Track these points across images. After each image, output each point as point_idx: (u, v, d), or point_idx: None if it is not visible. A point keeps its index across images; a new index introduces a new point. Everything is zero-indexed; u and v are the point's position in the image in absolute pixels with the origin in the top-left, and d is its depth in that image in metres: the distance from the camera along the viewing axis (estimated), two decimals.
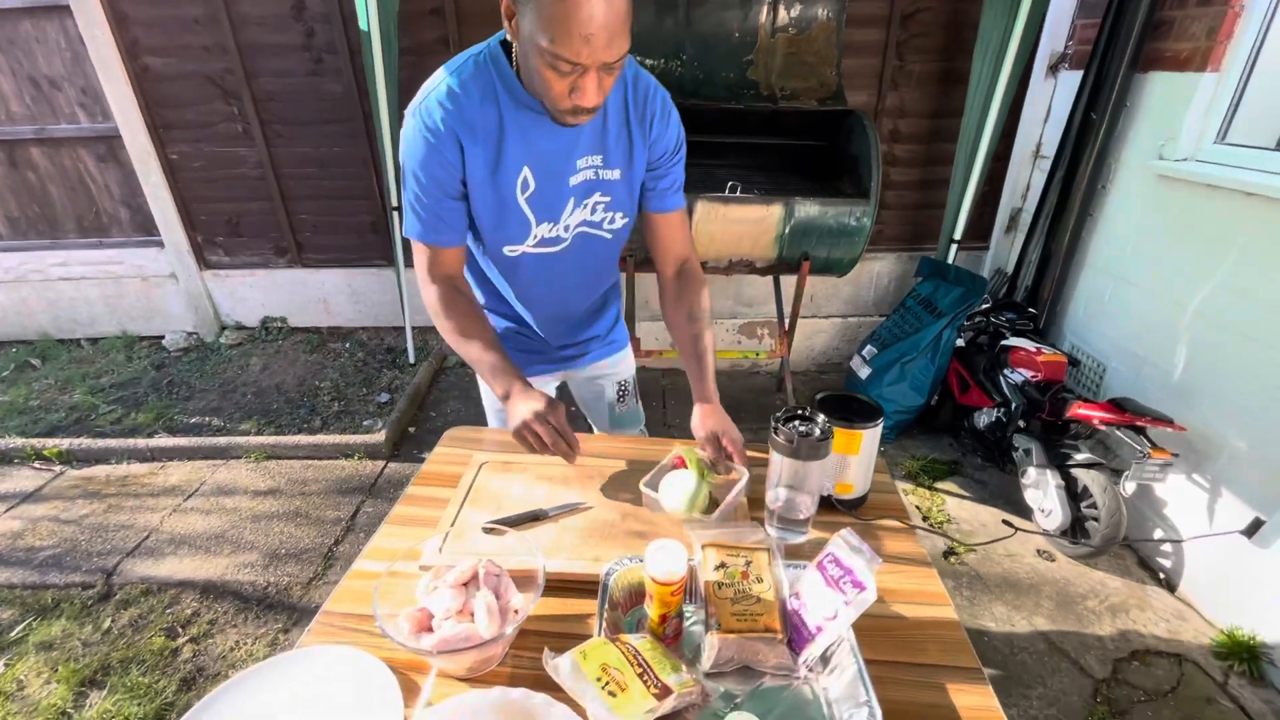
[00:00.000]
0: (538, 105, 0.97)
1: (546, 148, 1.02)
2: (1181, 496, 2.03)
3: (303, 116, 2.94)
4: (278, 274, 3.32)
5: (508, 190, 1.03)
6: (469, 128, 0.97)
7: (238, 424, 2.78)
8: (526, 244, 1.11)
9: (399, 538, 1.04)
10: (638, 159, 1.11)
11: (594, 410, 1.52)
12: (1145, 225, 2.19)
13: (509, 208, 1.05)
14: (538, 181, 1.04)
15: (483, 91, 0.96)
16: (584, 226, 1.14)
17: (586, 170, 1.08)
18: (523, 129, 1.00)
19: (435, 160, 0.98)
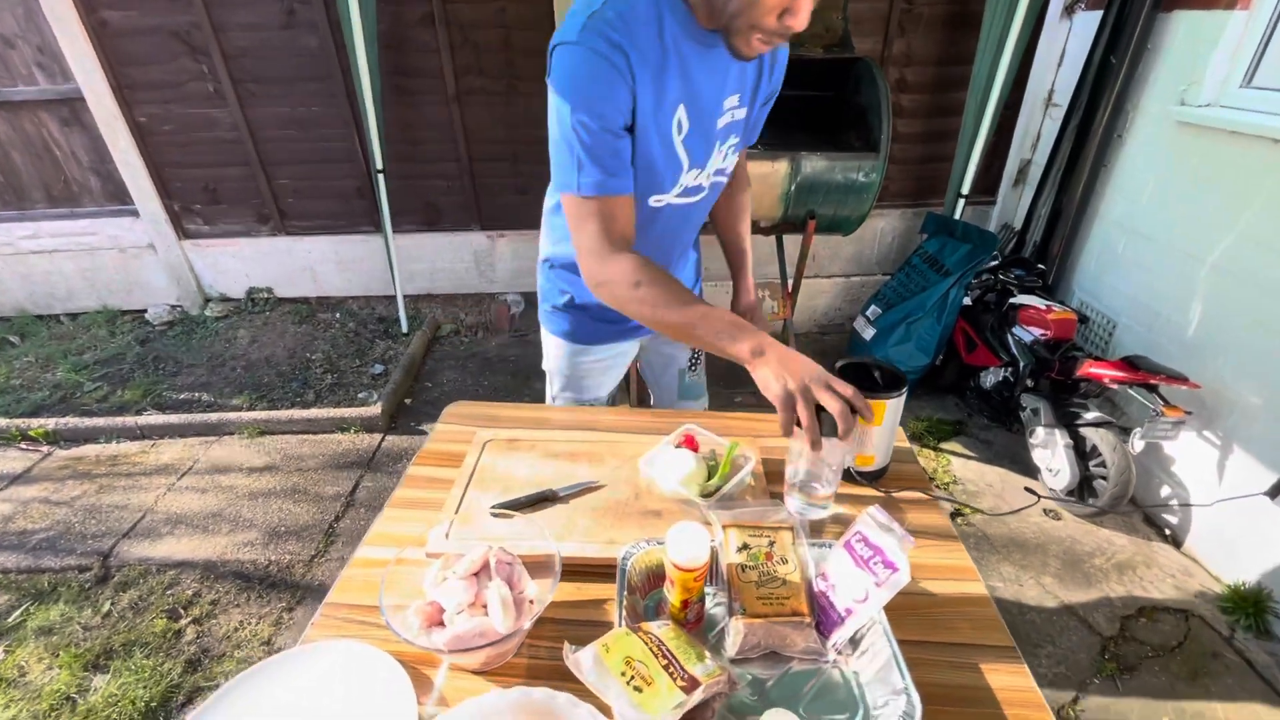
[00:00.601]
0: (705, 36, 0.88)
1: (702, 85, 0.93)
2: (1191, 454, 2.01)
3: (277, 74, 2.77)
4: (261, 243, 3.20)
5: (666, 129, 0.93)
6: (641, 53, 0.84)
7: (228, 399, 2.71)
8: (672, 193, 1.03)
9: (402, 522, 1.00)
10: (760, 96, 1.06)
11: (662, 379, 1.46)
12: (1163, 176, 2.11)
13: (668, 151, 0.95)
14: (690, 122, 0.94)
15: (646, 17, 0.85)
16: (718, 176, 1.08)
17: (729, 112, 1.01)
18: (684, 62, 0.89)
19: (607, 90, 0.84)
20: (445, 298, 3.36)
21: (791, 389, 0.81)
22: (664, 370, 1.44)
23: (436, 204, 3.11)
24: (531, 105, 2.83)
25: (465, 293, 3.36)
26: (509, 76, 2.79)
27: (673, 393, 1.47)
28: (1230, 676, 1.64)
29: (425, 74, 2.77)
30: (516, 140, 2.91)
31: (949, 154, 2.73)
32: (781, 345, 0.86)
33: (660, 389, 1.49)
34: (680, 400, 1.49)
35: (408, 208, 3.07)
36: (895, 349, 2.65)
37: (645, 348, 1.42)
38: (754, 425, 1.21)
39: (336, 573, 1.89)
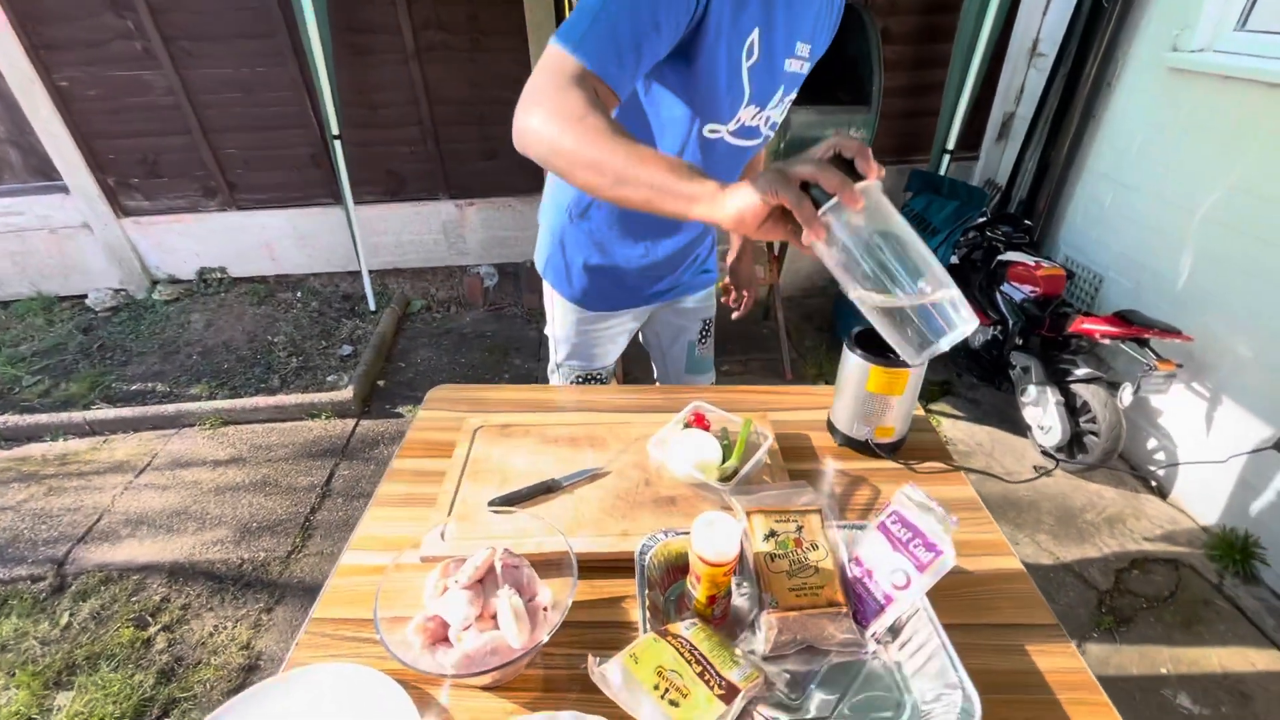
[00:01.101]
0: None
1: (782, 16, 0.85)
2: (1178, 407, 2.02)
3: (214, 31, 2.53)
4: (210, 219, 2.97)
5: (736, 51, 0.83)
6: None
7: (186, 388, 2.54)
8: (728, 126, 0.93)
9: (390, 522, 0.90)
10: (818, 53, 0.98)
11: (671, 350, 1.38)
12: (1154, 124, 2.07)
13: (733, 72, 0.85)
14: (762, 51, 0.85)
15: None
16: (771, 126, 1.00)
17: (798, 60, 0.93)
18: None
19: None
20: (414, 272, 3.20)
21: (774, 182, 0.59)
22: (673, 341, 1.37)
23: (399, 172, 2.92)
24: (499, 62, 2.64)
25: (435, 266, 3.20)
26: (473, 31, 2.59)
27: (680, 365, 1.40)
28: (1222, 623, 1.67)
29: (381, 30, 2.56)
30: (484, 100, 2.73)
31: (934, 108, 2.65)
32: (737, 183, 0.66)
33: (667, 362, 1.41)
34: (687, 374, 1.41)
35: (369, 177, 2.88)
36: None
37: (655, 317, 1.34)
38: (762, 399, 1.14)
39: (317, 568, 1.80)
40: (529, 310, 3.04)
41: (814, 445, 1.03)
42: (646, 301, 1.25)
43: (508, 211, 3.03)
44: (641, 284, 1.19)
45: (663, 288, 1.23)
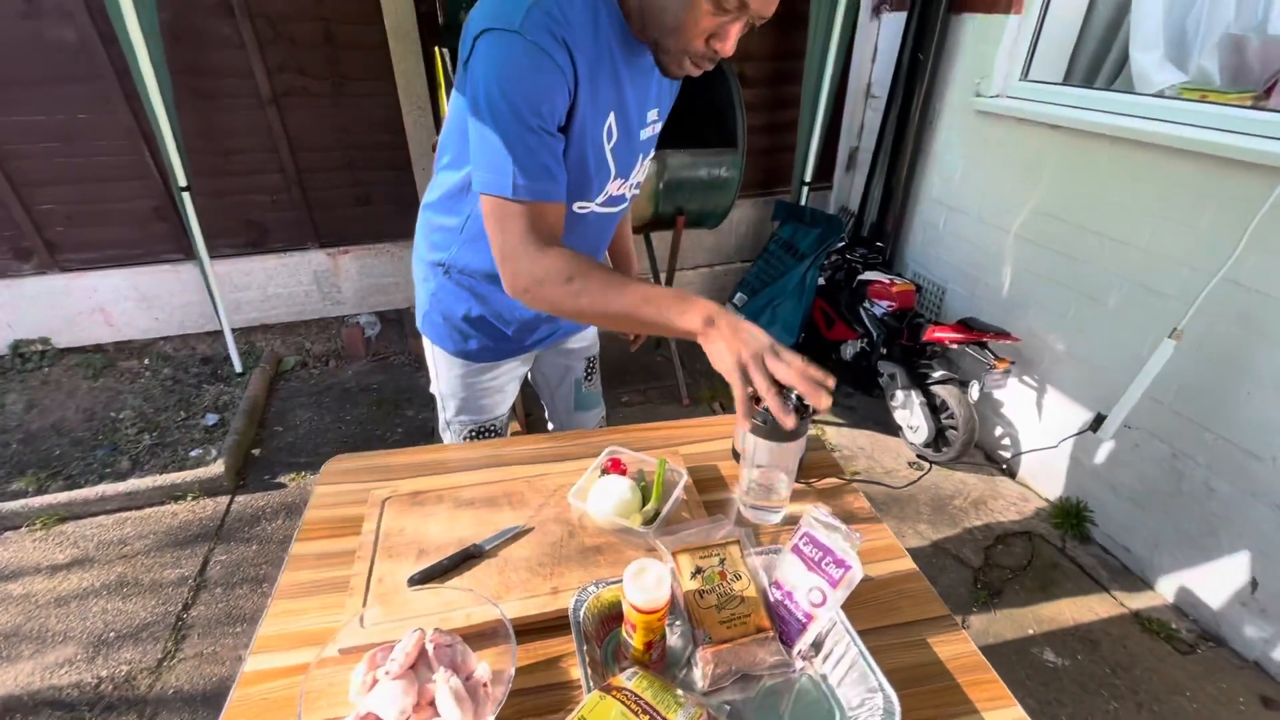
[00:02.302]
0: (636, 46, 0.85)
1: (631, 95, 0.91)
2: (1016, 398, 2.34)
3: (20, 75, 2.22)
4: (24, 284, 2.58)
5: (598, 136, 0.90)
6: (584, 55, 0.80)
7: (5, 484, 2.16)
8: (596, 200, 0.98)
9: (297, 616, 0.84)
10: (665, 111, 1.04)
11: (558, 391, 1.39)
12: (970, 157, 2.42)
13: (599, 155, 0.92)
14: (619, 130, 0.92)
15: (592, 20, 0.80)
16: (635, 190, 1.06)
17: (650, 125, 0.99)
18: (616, 68, 0.85)
19: (550, 82, 0.78)
20: (284, 327, 2.96)
21: (745, 359, 0.76)
22: (560, 381, 1.39)
23: (261, 222, 2.71)
24: (366, 107, 2.55)
25: (308, 319, 2.98)
26: (335, 76, 2.49)
27: (569, 403, 1.42)
28: (1069, 581, 1.95)
29: (231, 73, 2.38)
30: (353, 146, 2.62)
31: (790, 144, 2.91)
32: (732, 314, 0.81)
33: (555, 401, 1.43)
34: (576, 411, 1.43)
35: (225, 228, 2.65)
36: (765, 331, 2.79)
37: (540, 359, 1.36)
38: (668, 434, 1.19)
39: (198, 673, 1.60)
40: (417, 357, 2.92)
41: (723, 474, 1.09)
42: (531, 348, 1.26)
43: (385, 257, 2.90)
44: (522, 333, 1.20)
45: (543, 334, 1.25)
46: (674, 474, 1.00)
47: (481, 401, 1.25)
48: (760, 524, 0.97)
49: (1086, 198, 1.98)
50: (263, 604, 1.79)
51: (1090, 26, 2.16)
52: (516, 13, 0.76)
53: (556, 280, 0.83)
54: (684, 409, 2.69)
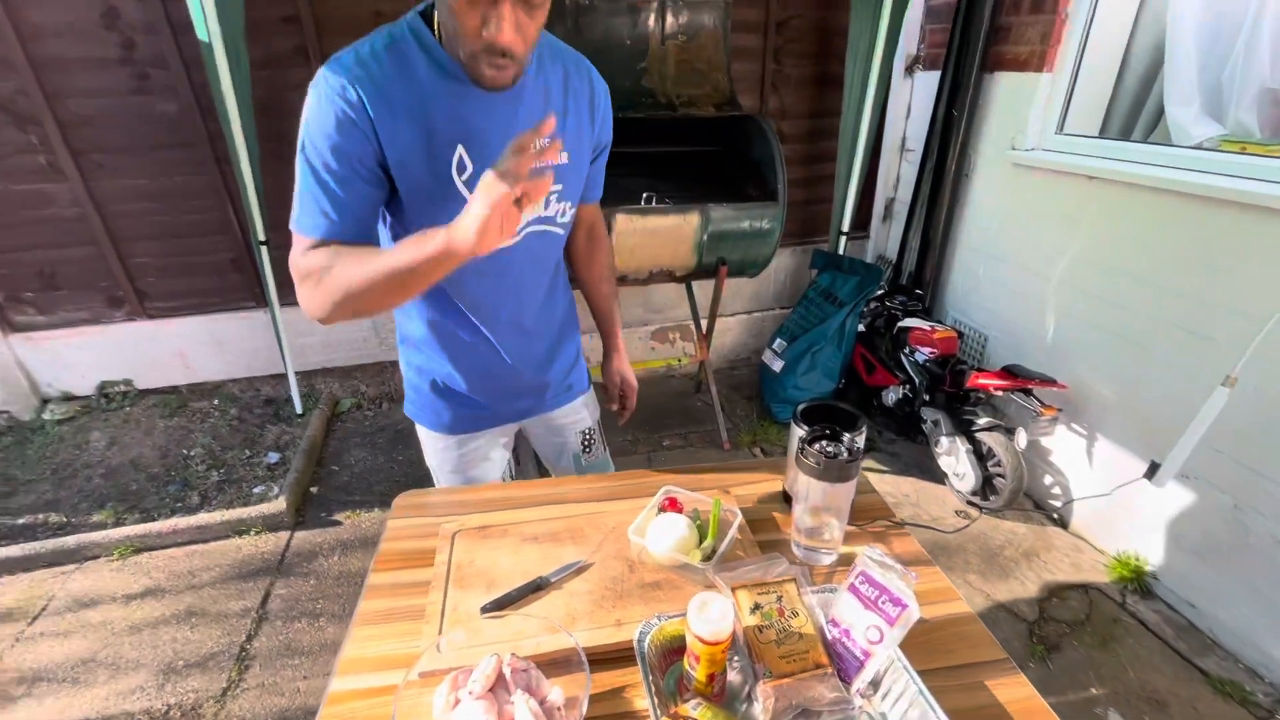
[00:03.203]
0: (465, 75, 0.87)
1: (482, 124, 0.92)
2: (1066, 446, 2.30)
3: (129, 143, 2.49)
4: (114, 330, 2.80)
5: (442, 171, 0.91)
6: (384, 98, 0.85)
7: (86, 516, 2.30)
8: None
9: (377, 641, 0.89)
10: (585, 144, 1.06)
11: (558, 465, 1.40)
12: (1007, 208, 2.46)
13: (447, 191, 0.93)
14: (475, 163, 0.93)
15: (398, 62, 0.86)
16: (539, 225, 1.05)
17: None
18: (452, 103, 0.89)
19: (342, 133, 0.84)
20: (342, 370, 3.12)
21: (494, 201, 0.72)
22: (558, 456, 1.38)
23: None
24: None
25: (364, 363, 3.14)
26: None
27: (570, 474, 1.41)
28: (1131, 638, 1.87)
29: None
30: None
31: (827, 196, 3.00)
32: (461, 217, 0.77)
33: (559, 473, 1.42)
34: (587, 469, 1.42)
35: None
36: (804, 378, 2.82)
37: (530, 433, 1.36)
38: (720, 476, 1.23)
39: (260, 703, 1.66)
40: None
41: (775, 516, 1.12)
42: (511, 419, 1.28)
43: None
44: (494, 399, 1.21)
45: (523, 405, 1.27)
46: (729, 513, 1.04)
47: (469, 473, 1.27)
48: (813, 565, 1.00)
49: (1130, 247, 1.99)
50: (319, 638, 1.85)
51: (1124, 82, 2.22)
52: (322, 70, 0.86)
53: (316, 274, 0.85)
54: (724, 453, 2.72)
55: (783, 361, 2.90)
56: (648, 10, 2.31)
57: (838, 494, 0.94)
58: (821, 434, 0.99)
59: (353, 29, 2.48)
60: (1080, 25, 2.13)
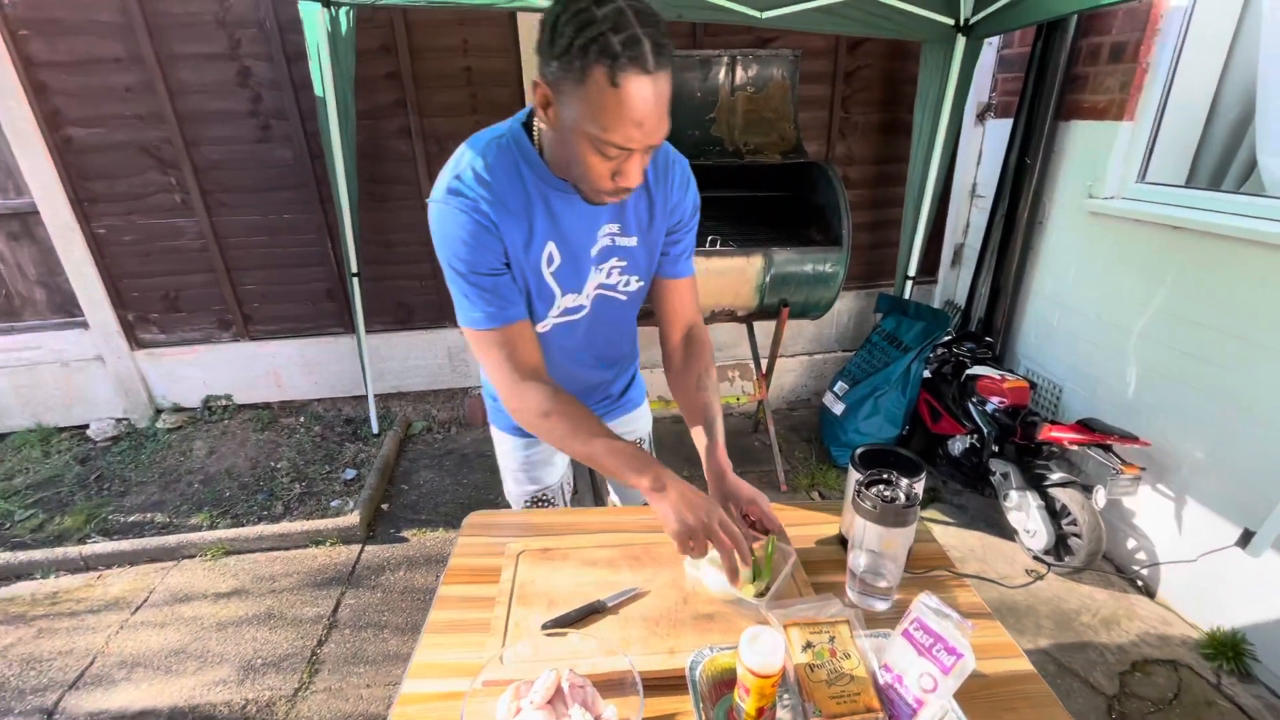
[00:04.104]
0: (562, 185, 0.97)
1: (570, 223, 1.03)
2: (1150, 507, 2.16)
3: (250, 184, 2.80)
4: (221, 349, 3.09)
5: (535, 265, 1.03)
6: (505, 208, 0.96)
7: (186, 518, 2.53)
8: (551, 316, 1.11)
9: (445, 649, 0.96)
10: (657, 224, 1.12)
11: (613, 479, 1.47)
12: (1083, 258, 2.39)
13: (538, 283, 1.05)
14: (562, 256, 1.04)
15: (508, 170, 0.96)
16: (601, 290, 1.15)
17: (605, 239, 1.09)
18: (548, 206, 1.00)
19: (481, 240, 0.95)
20: (416, 395, 3.31)
21: (690, 525, 0.90)
22: None
23: (409, 303, 3.13)
24: None
25: (438, 389, 3.32)
26: None
27: (624, 492, 1.49)
28: None
29: (401, 181, 2.86)
30: None
31: (893, 240, 3.00)
32: (681, 482, 0.94)
33: (625, 491, 1.49)
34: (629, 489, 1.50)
35: (380, 308, 3.08)
36: (865, 422, 2.78)
37: None
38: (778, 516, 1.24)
39: (325, 707, 1.76)
40: None
41: (830, 559, 1.13)
42: None
43: None
44: None
45: None
46: (782, 552, 1.06)
47: (534, 473, 1.36)
48: (867, 609, 1.00)
49: (1220, 300, 1.89)
50: (383, 649, 1.95)
51: (1212, 130, 2.15)
52: (443, 187, 0.94)
53: (533, 413, 1.01)
54: (782, 494, 2.69)
55: (844, 405, 2.87)
56: (719, 64, 2.43)
57: (894, 539, 0.95)
58: (879, 478, 1.01)
59: (447, 84, 2.73)
60: (1163, 74, 2.09)
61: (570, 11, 0.77)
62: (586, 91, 0.79)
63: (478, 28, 2.68)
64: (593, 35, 0.75)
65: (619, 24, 0.75)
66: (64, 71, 2.57)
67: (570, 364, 1.22)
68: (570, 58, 0.77)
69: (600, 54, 0.75)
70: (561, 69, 0.79)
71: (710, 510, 0.91)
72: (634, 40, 0.75)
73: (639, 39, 0.76)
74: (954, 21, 2.39)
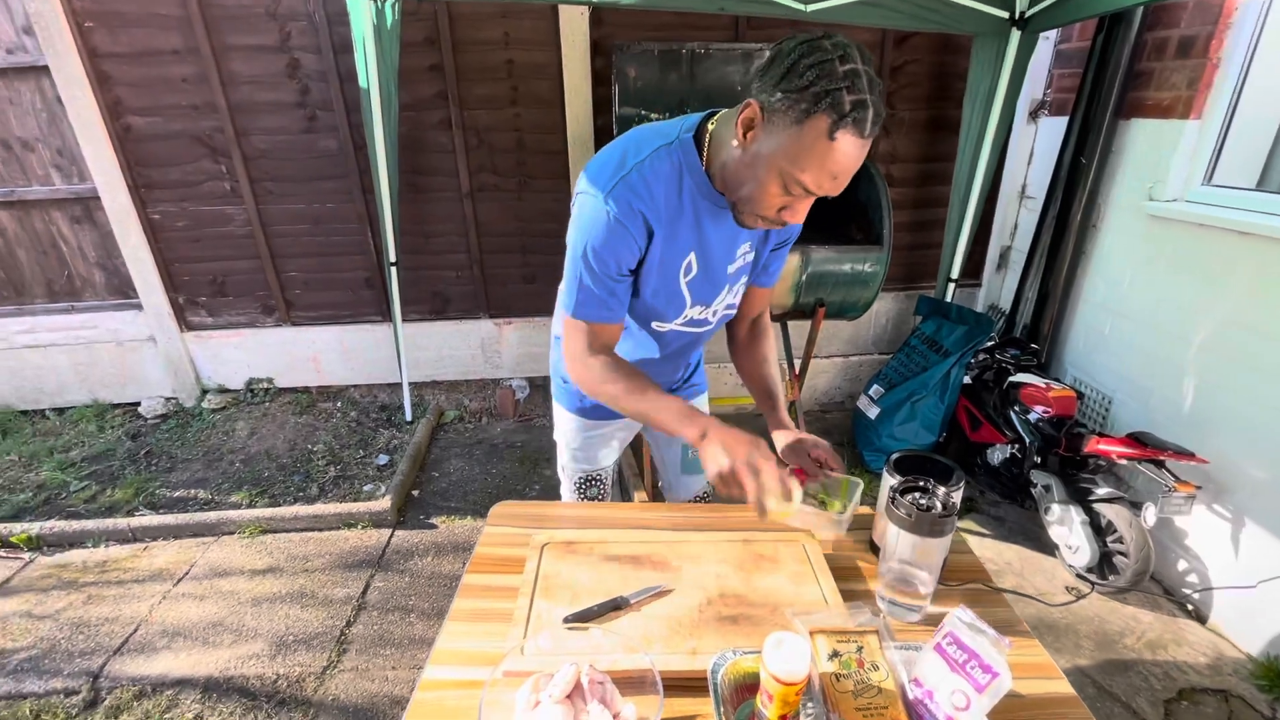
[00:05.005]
0: (719, 199, 0.99)
1: (713, 236, 1.05)
2: (1204, 529, 2.05)
3: (295, 174, 2.87)
4: (264, 334, 3.19)
5: (672, 272, 1.06)
6: (660, 218, 0.98)
7: (227, 495, 2.61)
8: (675, 323, 1.15)
9: (467, 637, 0.96)
10: (771, 240, 1.17)
11: (667, 453, 1.52)
12: (1140, 262, 2.27)
13: (670, 289, 1.08)
14: (699, 267, 1.07)
15: (669, 177, 0.98)
16: (728, 310, 1.19)
17: (740, 259, 1.12)
18: (697, 216, 1.02)
19: (621, 244, 0.97)
20: (449, 384, 3.36)
21: (724, 468, 0.92)
22: (669, 444, 1.50)
23: (445, 293, 3.17)
24: (543, 201, 2.96)
25: (470, 379, 3.36)
26: (521, 175, 2.93)
27: (676, 466, 1.53)
28: None
29: (441, 173, 2.90)
30: (526, 233, 3.03)
31: (936, 241, 2.91)
32: (725, 429, 0.96)
33: (665, 462, 1.55)
34: (683, 474, 1.53)
35: (416, 297, 3.13)
36: (901, 427, 2.71)
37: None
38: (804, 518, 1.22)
39: (352, 686, 1.80)
40: None
41: (860, 565, 1.10)
42: None
43: (542, 329, 3.24)
44: None
45: None
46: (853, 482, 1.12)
47: (593, 453, 1.41)
48: (897, 620, 0.97)
49: None
50: (408, 633, 1.98)
51: None
52: (607, 183, 0.95)
53: (596, 382, 1.07)
54: None
55: (879, 408, 2.80)
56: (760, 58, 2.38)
57: (929, 549, 0.92)
58: (915, 485, 0.97)
59: (488, 77, 2.75)
60: (1235, 70, 1.97)
61: (814, 58, 0.79)
62: (802, 132, 0.81)
63: (520, 21, 2.69)
64: (829, 87, 0.78)
65: (855, 86, 0.78)
66: (125, 62, 2.67)
67: (673, 358, 1.28)
68: (799, 98, 0.79)
69: (830, 106, 0.78)
70: (785, 102, 0.81)
71: (749, 453, 0.92)
72: (862, 105, 0.78)
73: (867, 105, 0.78)
74: (1008, 14, 2.30)
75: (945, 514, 0.91)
